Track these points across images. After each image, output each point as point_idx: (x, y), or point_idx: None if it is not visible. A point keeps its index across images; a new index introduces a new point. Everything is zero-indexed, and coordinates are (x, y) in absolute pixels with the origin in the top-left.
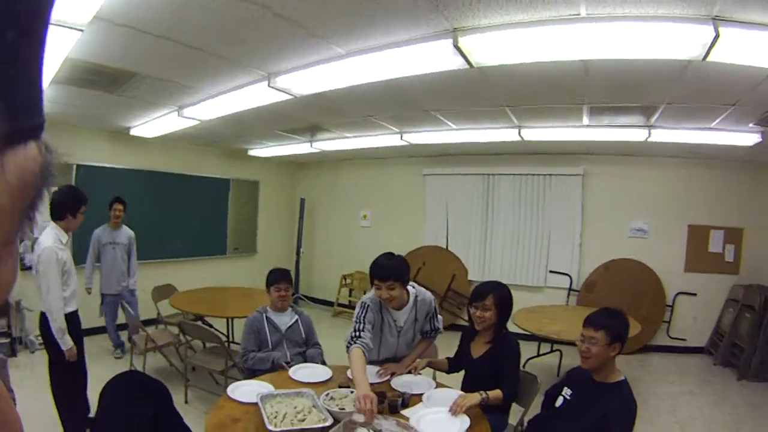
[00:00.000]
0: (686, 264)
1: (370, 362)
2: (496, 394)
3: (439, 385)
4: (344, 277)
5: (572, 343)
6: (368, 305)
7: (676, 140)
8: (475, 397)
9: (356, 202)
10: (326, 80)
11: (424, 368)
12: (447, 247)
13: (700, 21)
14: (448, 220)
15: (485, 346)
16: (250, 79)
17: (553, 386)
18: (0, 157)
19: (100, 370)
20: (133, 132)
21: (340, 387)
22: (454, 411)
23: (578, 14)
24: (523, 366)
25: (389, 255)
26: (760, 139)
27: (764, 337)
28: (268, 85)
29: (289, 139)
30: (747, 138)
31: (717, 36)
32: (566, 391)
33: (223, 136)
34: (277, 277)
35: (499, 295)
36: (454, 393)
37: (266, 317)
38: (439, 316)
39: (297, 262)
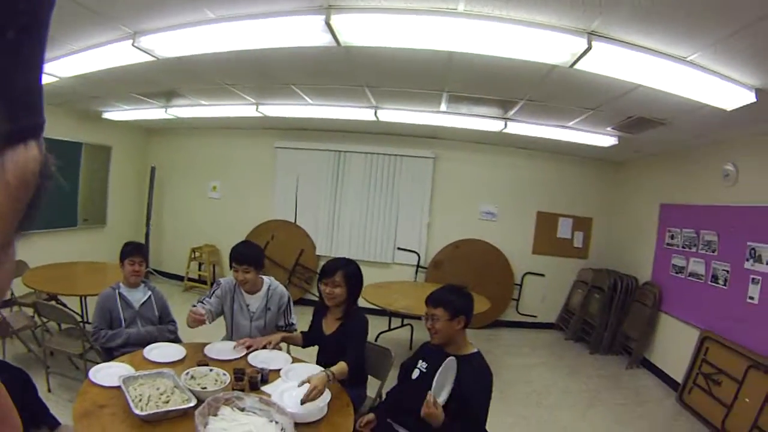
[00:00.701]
0: (534, 247)
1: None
2: (340, 368)
3: (295, 360)
4: (193, 250)
5: (420, 318)
6: (221, 284)
7: (532, 134)
8: (322, 379)
9: (206, 172)
10: (192, 44)
11: (279, 343)
12: (295, 221)
13: (575, 33)
14: (298, 195)
15: (336, 322)
16: (114, 36)
17: (409, 359)
18: (0, 156)
19: None
20: None
21: (198, 365)
22: (304, 402)
23: (455, 9)
24: (375, 340)
25: (246, 243)
26: (616, 142)
27: (615, 316)
28: (132, 44)
29: (144, 102)
30: (604, 140)
31: (589, 48)
32: (421, 364)
33: (78, 95)
34: (132, 251)
35: (347, 272)
36: (311, 367)
37: (119, 293)
38: (294, 315)
39: (147, 235)
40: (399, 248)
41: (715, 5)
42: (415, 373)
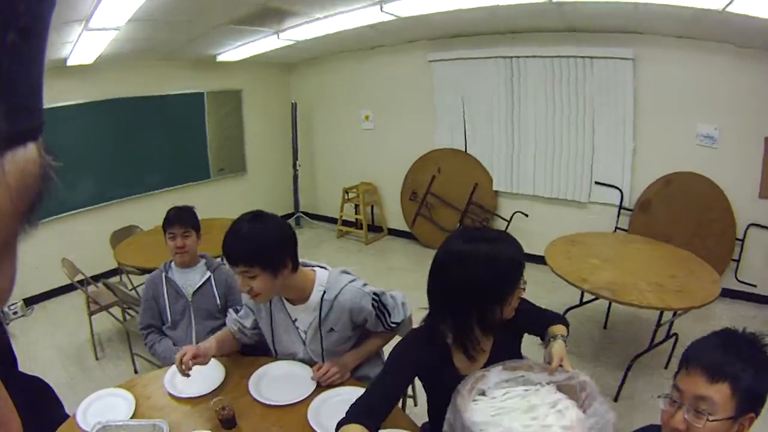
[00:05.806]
0: (762, 188)
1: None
2: (559, 329)
3: None
4: (346, 190)
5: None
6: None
7: None
8: (562, 347)
9: (356, 101)
10: None
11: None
12: (466, 150)
13: None
14: (465, 118)
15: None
16: None
17: None
18: None
19: None
20: (70, 62)
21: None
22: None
23: None
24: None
25: (254, 217)
26: None
27: None
28: None
29: (251, 33)
30: None
31: None
32: None
33: (173, 43)
34: (171, 220)
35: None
36: None
37: (165, 278)
38: (402, 306)
39: (295, 178)
40: (597, 182)
41: None
42: None
